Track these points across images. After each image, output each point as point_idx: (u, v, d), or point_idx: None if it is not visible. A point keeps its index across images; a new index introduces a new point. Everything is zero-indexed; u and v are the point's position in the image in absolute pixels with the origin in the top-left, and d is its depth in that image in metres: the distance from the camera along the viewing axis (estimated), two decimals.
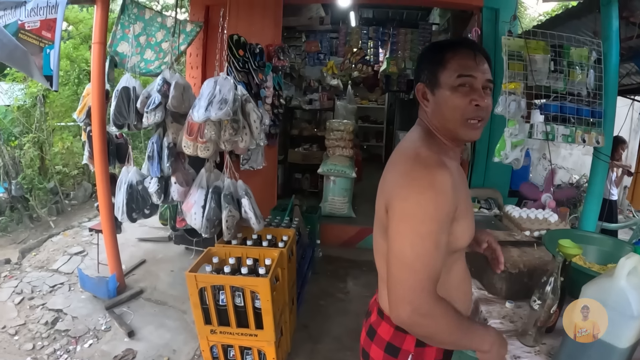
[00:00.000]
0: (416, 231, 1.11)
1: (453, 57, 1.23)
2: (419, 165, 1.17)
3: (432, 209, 1.11)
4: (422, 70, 1.31)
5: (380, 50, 7.06)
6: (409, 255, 1.11)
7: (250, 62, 4.07)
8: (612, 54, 3.11)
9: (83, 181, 7.35)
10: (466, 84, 1.21)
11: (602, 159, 3.22)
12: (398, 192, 1.18)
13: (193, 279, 2.54)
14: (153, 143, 3.28)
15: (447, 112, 1.24)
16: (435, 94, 1.26)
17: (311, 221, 4.47)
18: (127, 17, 3.77)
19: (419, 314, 1.09)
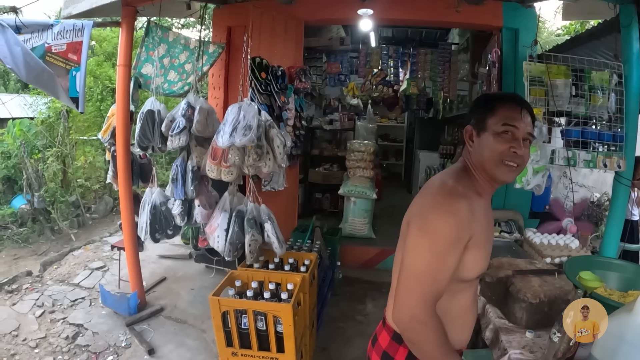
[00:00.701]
0: (430, 249, 1.27)
1: (502, 107, 1.39)
2: (442, 192, 1.36)
3: (447, 232, 1.27)
4: (473, 115, 1.46)
5: (400, 70, 7.07)
6: (420, 268, 1.27)
7: (272, 85, 4.12)
8: (632, 76, 3.08)
9: (104, 195, 7.49)
10: (509, 132, 1.36)
11: (624, 183, 3.19)
12: (421, 212, 1.36)
13: (216, 302, 2.58)
14: (177, 166, 3.34)
15: (487, 153, 1.38)
16: (480, 136, 1.41)
17: (332, 243, 4.47)
18: (151, 40, 3.86)
19: (416, 320, 1.25)
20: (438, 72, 6.53)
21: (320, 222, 5.32)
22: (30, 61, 3.25)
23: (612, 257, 3.03)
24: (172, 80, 3.97)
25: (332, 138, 7.86)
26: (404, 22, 5.59)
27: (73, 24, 3.55)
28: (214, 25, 4.90)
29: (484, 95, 1.65)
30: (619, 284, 2.14)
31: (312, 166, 7.14)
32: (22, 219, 6.40)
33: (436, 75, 6.56)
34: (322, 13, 4.76)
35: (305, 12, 4.68)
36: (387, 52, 6.79)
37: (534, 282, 2.14)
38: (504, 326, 2.06)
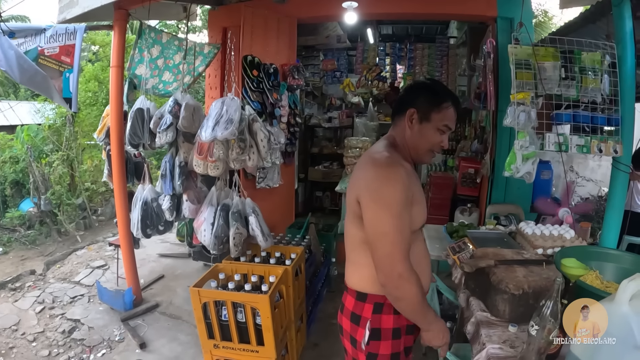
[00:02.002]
0: (390, 214, 1.45)
1: (447, 108, 1.63)
2: (382, 163, 1.55)
3: (398, 195, 1.46)
4: (420, 100, 1.65)
5: (398, 66, 7.03)
6: (389, 232, 1.44)
7: (264, 82, 4.12)
8: (627, 56, 2.97)
9: (111, 198, 7.57)
10: (444, 131, 1.65)
11: (622, 170, 3.07)
12: (369, 185, 1.51)
13: (196, 293, 2.59)
14: (166, 162, 3.38)
15: (424, 142, 1.65)
16: (422, 123, 1.64)
17: (327, 239, 4.45)
18: (144, 41, 3.91)
19: (404, 277, 1.43)
20: (436, 66, 6.50)
21: (320, 219, 5.29)
22: (24, 64, 3.33)
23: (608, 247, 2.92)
24: (167, 81, 4.01)
25: (332, 136, 7.83)
26: (393, 15, 5.54)
27: (65, 28, 3.64)
28: (210, 26, 4.95)
29: (433, 85, 1.73)
30: (616, 275, 2.03)
31: (312, 164, 7.12)
32: (29, 222, 6.52)
33: (434, 70, 6.54)
34: (314, 10, 4.75)
35: (297, 10, 4.67)
36: (384, 49, 6.76)
37: (518, 272, 2.03)
38: (485, 319, 1.93)
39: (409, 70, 6.78)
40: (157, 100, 5.34)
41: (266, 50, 4.39)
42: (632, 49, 2.94)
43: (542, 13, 8.98)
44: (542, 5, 9.26)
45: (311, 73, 6.73)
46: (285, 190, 4.94)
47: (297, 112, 4.84)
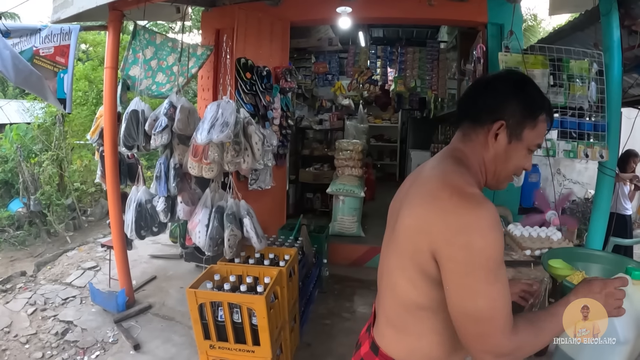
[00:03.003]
0: (486, 281, 1.04)
1: (544, 122, 1.21)
2: (469, 204, 1.08)
3: (497, 252, 1.05)
4: (510, 109, 1.19)
5: (389, 69, 7.11)
6: (484, 308, 1.05)
7: (257, 85, 4.17)
8: (614, 64, 3.08)
9: (100, 198, 7.56)
10: (533, 151, 1.24)
11: (608, 174, 3.18)
12: (454, 239, 1.06)
13: (193, 294, 2.61)
14: (160, 164, 3.40)
15: (512, 166, 1.23)
16: (511, 143, 1.20)
17: (318, 240, 4.49)
18: (138, 42, 3.92)
19: (506, 355, 1.06)
20: (426, 70, 6.59)
21: (311, 221, 5.35)
22: (19, 64, 3.33)
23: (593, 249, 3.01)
24: (160, 82, 4.03)
25: (323, 138, 7.93)
26: (386, 20, 5.63)
27: (60, 28, 3.64)
28: (203, 28, 4.96)
29: (525, 86, 1.23)
30: (602, 276, 2.10)
31: (303, 166, 7.18)
32: (19, 222, 6.48)
33: (424, 74, 6.62)
34: (307, 13, 4.81)
35: (290, 13, 4.74)
36: (375, 52, 6.83)
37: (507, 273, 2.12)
38: None
39: (399, 73, 6.86)
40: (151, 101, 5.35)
41: (259, 53, 4.44)
42: (619, 58, 3.04)
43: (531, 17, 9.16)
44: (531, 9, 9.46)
45: (303, 75, 6.79)
46: (277, 192, 4.98)
47: (289, 115, 4.90)
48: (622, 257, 2.26)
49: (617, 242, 4.39)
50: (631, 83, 4.32)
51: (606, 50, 3.10)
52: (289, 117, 4.91)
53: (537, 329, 1.09)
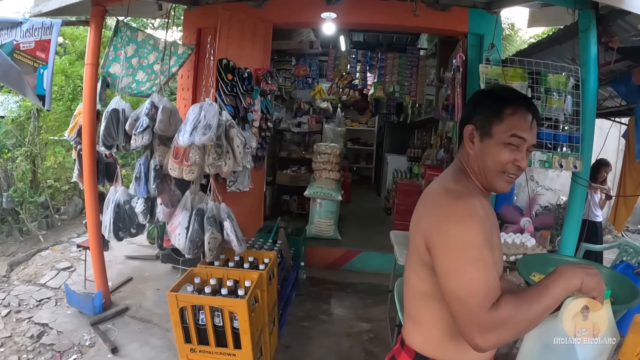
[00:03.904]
0: (464, 261, 1.14)
1: (512, 115, 1.27)
2: (451, 197, 1.24)
3: (473, 236, 1.15)
4: (477, 114, 1.33)
5: (368, 74, 7.18)
6: (463, 286, 1.13)
7: (238, 86, 4.16)
8: (590, 79, 3.18)
9: (74, 196, 7.39)
10: (515, 144, 1.27)
11: (581, 183, 3.28)
12: (437, 227, 1.21)
13: (174, 298, 2.60)
14: (140, 165, 3.36)
15: (490, 163, 1.29)
16: (483, 141, 1.31)
17: (296, 243, 4.52)
18: (120, 39, 3.87)
19: (489, 332, 1.09)
20: (405, 76, 6.66)
21: (288, 223, 5.38)
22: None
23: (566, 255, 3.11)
24: (140, 81, 3.98)
25: (301, 141, 7.96)
26: (369, 26, 5.69)
27: (42, 22, 3.55)
28: (184, 26, 4.93)
29: (489, 91, 1.48)
30: None
31: (280, 168, 7.21)
32: None
33: (403, 80, 6.69)
34: (290, 16, 4.82)
35: (273, 15, 4.74)
36: (356, 56, 6.89)
37: None
38: None
39: (379, 78, 6.93)
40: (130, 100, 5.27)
41: (241, 54, 4.43)
42: (595, 73, 3.15)
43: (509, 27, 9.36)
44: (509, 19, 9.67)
45: (283, 78, 6.80)
46: (255, 194, 4.99)
47: (268, 117, 4.91)
48: (594, 263, 2.36)
49: (588, 248, 4.53)
50: (606, 96, 4.48)
51: (583, 65, 3.20)
52: (269, 119, 4.92)
53: (522, 302, 1.10)
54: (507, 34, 8.79)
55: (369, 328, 3.91)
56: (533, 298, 1.11)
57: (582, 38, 3.17)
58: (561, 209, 7.02)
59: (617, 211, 4.57)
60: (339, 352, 3.51)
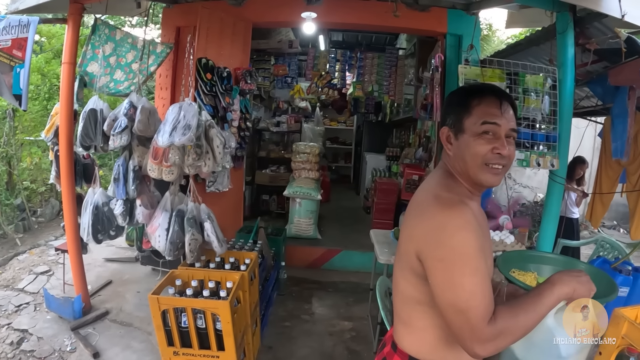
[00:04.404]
0: (462, 274, 1.13)
1: (479, 104, 1.27)
2: (442, 207, 1.20)
3: (468, 247, 1.14)
4: (448, 114, 1.34)
5: (347, 73, 7.19)
6: (462, 299, 1.13)
7: (217, 86, 4.13)
8: (567, 80, 3.23)
9: (51, 198, 7.24)
10: (490, 132, 1.25)
11: (558, 182, 3.33)
12: (430, 239, 1.19)
13: (155, 301, 2.57)
14: (119, 165, 3.32)
15: (469, 158, 1.27)
16: (458, 138, 1.30)
17: (276, 243, 4.53)
18: (98, 38, 3.81)
19: (489, 342, 1.11)
20: (384, 76, 6.71)
21: (267, 223, 5.38)
22: None
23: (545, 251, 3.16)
24: (118, 80, 3.92)
25: (280, 140, 7.98)
26: (349, 26, 5.71)
27: (19, 20, 3.49)
28: (163, 25, 4.87)
29: (457, 90, 1.45)
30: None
31: (259, 168, 7.20)
32: None
33: (382, 79, 6.75)
34: (270, 15, 4.80)
35: (253, 14, 4.72)
36: (335, 55, 6.90)
37: None
38: None
39: (358, 78, 6.96)
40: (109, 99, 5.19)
41: (220, 54, 4.41)
42: (572, 73, 3.21)
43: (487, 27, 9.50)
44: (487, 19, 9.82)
45: (262, 77, 6.79)
46: (234, 194, 4.97)
47: (247, 117, 4.90)
48: (572, 258, 2.41)
49: (566, 244, 4.63)
50: (582, 96, 4.57)
51: (560, 66, 3.25)
52: (248, 119, 4.91)
53: (518, 311, 1.13)
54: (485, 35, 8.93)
55: (351, 327, 3.93)
56: (529, 307, 1.14)
57: (559, 40, 3.23)
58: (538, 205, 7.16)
59: (594, 208, 4.65)
60: (322, 351, 3.52)
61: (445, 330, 1.26)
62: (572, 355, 1.27)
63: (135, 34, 4.01)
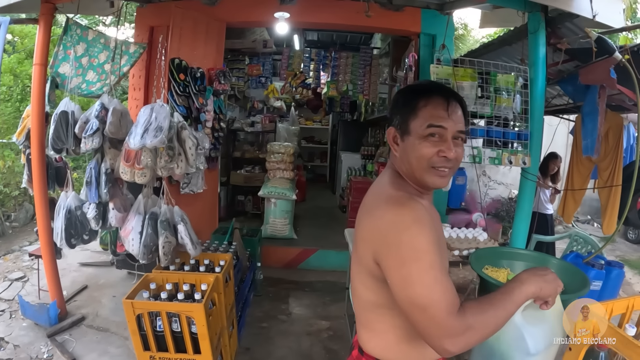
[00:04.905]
0: (418, 269, 1.11)
1: (425, 106, 1.24)
2: (393, 205, 1.19)
3: (423, 243, 1.12)
4: (395, 114, 1.31)
5: (322, 73, 7.20)
6: (423, 294, 1.10)
7: (190, 86, 4.11)
8: (538, 79, 3.28)
9: (25, 202, 7.09)
10: (436, 134, 1.22)
11: (530, 179, 3.39)
12: (385, 239, 1.17)
13: (130, 305, 2.54)
14: (91, 169, 3.28)
15: (414, 160, 1.25)
16: (404, 140, 1.27)
17: (251, 244, 4.52)
18: (70, 38, 3.74)
19: (458, 336, 1.09)
20: (359, 75, 6.73)
21: (243, 224, 5.37)
22: None
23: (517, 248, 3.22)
24: (90, 81, 3.86)
25: (254, 140, 7.95)
26: (323, 25, 5.73)
27: None
28: (137, 24, 4.82)
29: (403, 89, 1.39)
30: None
31: (234, 168, 7.17)
32: None
33: (357, 79, 6.77)
34: (244, 15, 4.78)
35: (227, 14, 4.70)
36: (309, 55, 6.90)
37: None
38: None
39: (332, 78, 6.97)
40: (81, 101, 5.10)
41: (194, 54, 4.38)
42: (543, 73, 3.25)
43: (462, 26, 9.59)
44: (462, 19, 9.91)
45: (236, 77, 6.77)
46: (209, 196, 4.95)
47: (221, 117, 4.88)
48: (544, 254, 2.46)
49: (539, 239, 4.71)
50: (554, 94, 4.65)
51: (532, 65, 3.30)
52: (222, 119, 4.89)
53: (487, 306, 1.13)
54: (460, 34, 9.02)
55: (328, 326, 3.95)
56: (498, 304, 1.14)
57: (531, 39, 3.26)
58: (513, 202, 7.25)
59: (566, 204, 4.73)
60: (300, 351, 3.53)
61: (406, 330, 1.26)
62: (541, 351, 1.28)
63: (110, 34, 3.96)
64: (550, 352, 1.34)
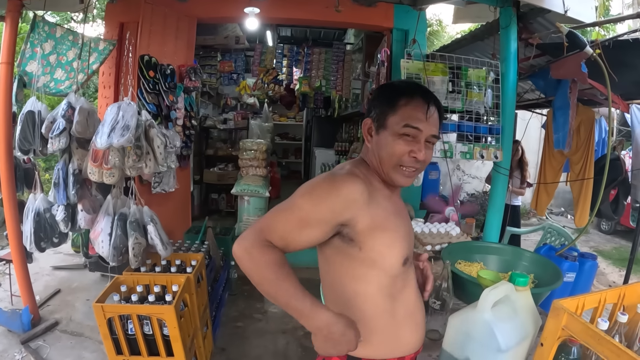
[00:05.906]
0: (289, 202, 1.22)
1: (406, 105, 1.27)
2: (335, 171, 1.29)
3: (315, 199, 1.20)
4: (374, 107, 1.33)
5: (295, 69, 7.18)
6: (271, 213, 1.22)
7: (160, 84, 4.04)
8: (509, 74, 3.32)
9: None
10: (410, 135, 1.26)
11: (502, 173, 3.42)
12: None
13: (100, 309, 2.49)
14: (58, 169, 3.21)
15: (385, 155, 1.28)
16: (379, 133, 1.30)
17: (225, 243, 4.46)
18: (37, 35, 3.64)
19: (245, 250, 1.16)
20: (331, 71, 6.70)
21: (217, 222, 5.32)
22: None
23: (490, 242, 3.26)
24: (59, 79, 3.77)
25: (227, 137, 7.92)
26: (294, 21, 5.68)
27: None
28: (106, 21, 4.70)
29: (386, 84, 1.45)
30: (499, 266, 2.31)
31: (207, 166, 7.15)
32: None
33: (329, 74, 6.74)
34: (214, 11, 4.74)
35: (198, 10, 4.64)
36: (282, 51, 6.87)
37: None
38: None
39: (305, 74, 6.96)
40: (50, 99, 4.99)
41: (164, 50, 4.32)
42: (514, 67, 3.29)
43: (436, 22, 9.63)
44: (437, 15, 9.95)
45: (208, 74, 6.71)
46: (181, 195, 4.91)
47: (193, 115, 4.83)
48: (517, 248, 2.53)
49: (514, 232, 4.79)
50: (527, 89, 4.70)
51: (503, 60, 3.33)
52: (193, 117, 4.84)
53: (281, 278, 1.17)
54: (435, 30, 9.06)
55: None
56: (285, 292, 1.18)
57: (502, 34, 3.30)
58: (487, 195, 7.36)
59: (539, 197, 4.79)
60: (276, 350, 3.51)
61: (370, 305, 1.32)
62: (512, 348, 1.28)
63: (80, 31, 3.86)
64: (522, 348, 1.34)
